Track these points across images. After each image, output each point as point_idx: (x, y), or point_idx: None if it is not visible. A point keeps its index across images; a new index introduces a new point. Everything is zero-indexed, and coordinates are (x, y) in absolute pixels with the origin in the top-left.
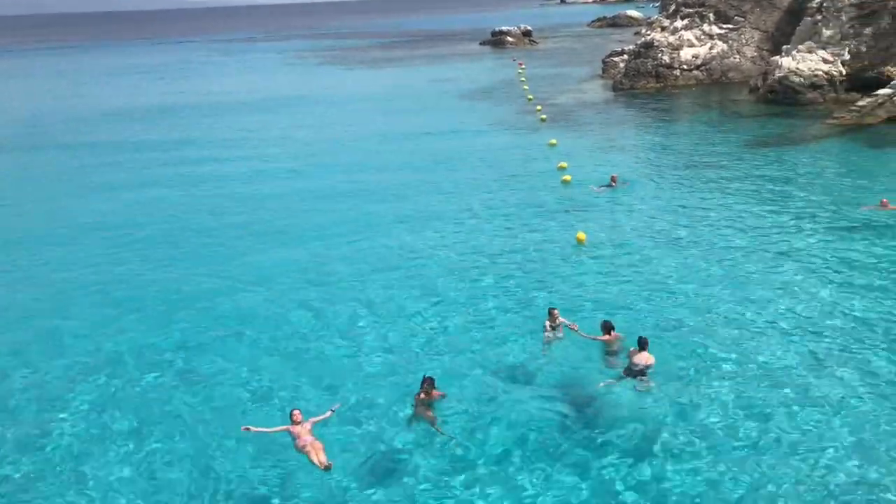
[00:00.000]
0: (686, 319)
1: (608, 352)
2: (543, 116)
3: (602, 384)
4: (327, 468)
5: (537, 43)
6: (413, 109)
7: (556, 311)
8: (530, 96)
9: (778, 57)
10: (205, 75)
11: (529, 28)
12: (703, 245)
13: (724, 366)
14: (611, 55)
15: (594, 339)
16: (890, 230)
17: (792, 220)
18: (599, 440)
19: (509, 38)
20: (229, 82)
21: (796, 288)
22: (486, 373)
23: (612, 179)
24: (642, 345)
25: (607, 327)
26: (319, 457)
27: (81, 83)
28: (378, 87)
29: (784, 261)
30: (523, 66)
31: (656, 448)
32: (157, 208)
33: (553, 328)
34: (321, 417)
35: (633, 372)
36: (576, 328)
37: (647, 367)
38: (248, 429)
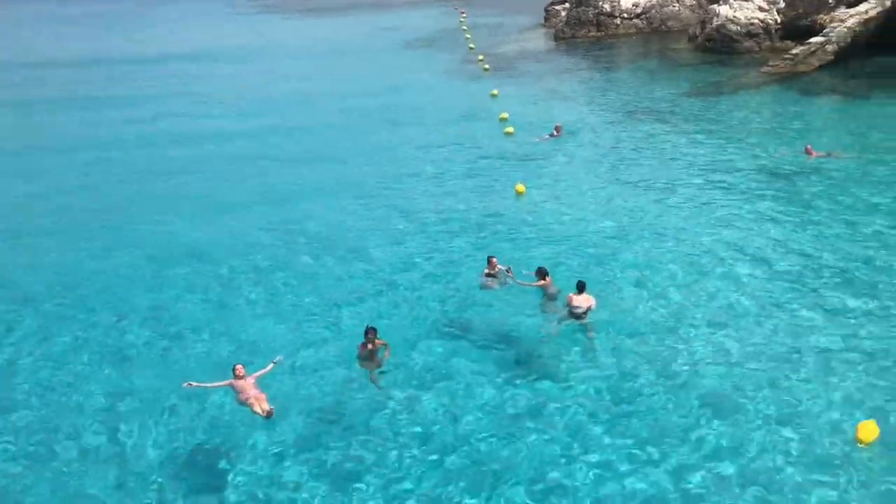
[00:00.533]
0: (628, 260)
1: (546, 297)
2: (486, 66)
3: (543, 330)
4: (269, 414)
5: None
6: (353, 60)
7: (494, 259)
8: (472, 45)
9: (716, 5)
10: (131, 27)
11: None
12: (643, 191)
13: (667, 305)
14: (553, 3)
15: (529, 285)
16: (813, 176)
17: (726, 166)
18: (544, 385)
19: None
20: (159, 34)
21: (731, 228)
22: (425, 324)
23: (556, 129)
24: (580, 287)
25: (542, 273)
26: (262, 405)
27: None
28: (317, 37)
29: (719, 204)
30: (465, 15)
31: (601, 387)
32: (81, 170)
33: (491, 275)
34: (263, 371)
35: (574, 314)
36: (511, 274)
37: (588, 309)
38: (189, 384)
